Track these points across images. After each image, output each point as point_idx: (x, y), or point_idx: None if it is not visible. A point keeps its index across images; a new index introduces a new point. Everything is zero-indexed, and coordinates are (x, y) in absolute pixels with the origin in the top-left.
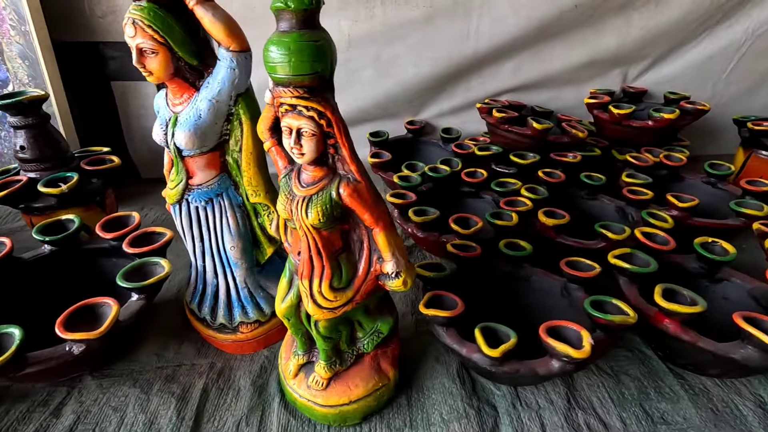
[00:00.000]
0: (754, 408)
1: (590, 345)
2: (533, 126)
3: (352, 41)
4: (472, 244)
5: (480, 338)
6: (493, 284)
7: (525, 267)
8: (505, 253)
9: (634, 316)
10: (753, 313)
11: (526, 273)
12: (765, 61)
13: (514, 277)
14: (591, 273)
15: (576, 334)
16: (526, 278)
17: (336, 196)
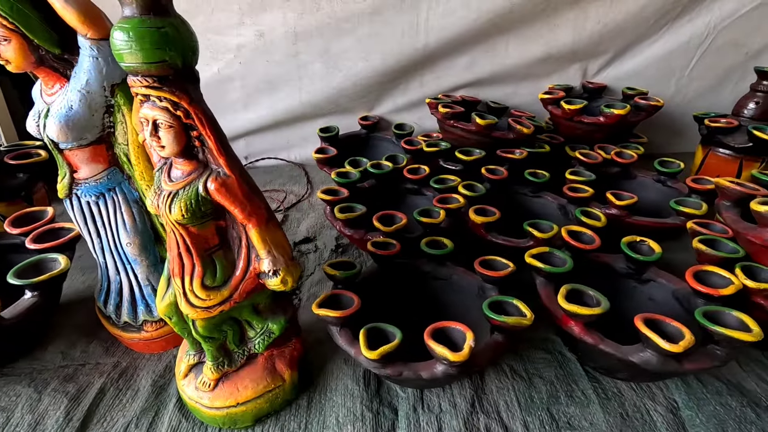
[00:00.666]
0: (664, 413)
1: (469, 348)
2: (476, 121)
3: (298, 34)
4: (393, 242)
5: (362, 339)
6: (414, 283)
7: (447, 266)
8: (426, 252)
9: (530, 318)
10: (654, 315)
11: (447, 272)
12: (729, 56)
13: (434, 276)
14: (503, 272)
15: (463, 335)
16: (447, 277)
17: (203, 191)
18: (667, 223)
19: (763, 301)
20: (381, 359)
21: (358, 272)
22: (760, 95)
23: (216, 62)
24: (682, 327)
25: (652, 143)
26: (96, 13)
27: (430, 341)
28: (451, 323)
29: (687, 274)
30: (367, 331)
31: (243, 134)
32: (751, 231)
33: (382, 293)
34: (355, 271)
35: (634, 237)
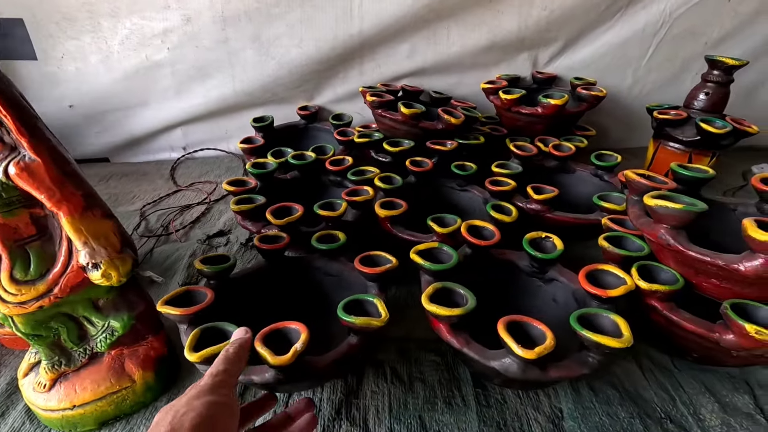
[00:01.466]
0: (544, 423)
1: (294, 351)
2: (402, 111)
3: (226, 19)
4: (282, 235)
5: (190, 340)
6: (303, 280)
7: (339, 261)
8: (316, 246)
9: (383, 320)
10: (522, 317)
11: (338, 268)
12: (687, 45)
13: (325, 272)
14: (381, 269)
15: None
16: (338, 274)
17: (3, 176)
18: (587, 219)
19: (657, 303)
20: (205, 362)
21: (230, 266)
22: (711, 86)
23: (143, 48)
24: (547, 330)
25: (610, 137)
26: None
27: (258, 343)
28: (290, 324)
29: (580, 273)
30: (202, 331)
31: (179, 123)
32: (647, 227)
33: (266, 290)
34: (226, 265)
35: (539, 233)
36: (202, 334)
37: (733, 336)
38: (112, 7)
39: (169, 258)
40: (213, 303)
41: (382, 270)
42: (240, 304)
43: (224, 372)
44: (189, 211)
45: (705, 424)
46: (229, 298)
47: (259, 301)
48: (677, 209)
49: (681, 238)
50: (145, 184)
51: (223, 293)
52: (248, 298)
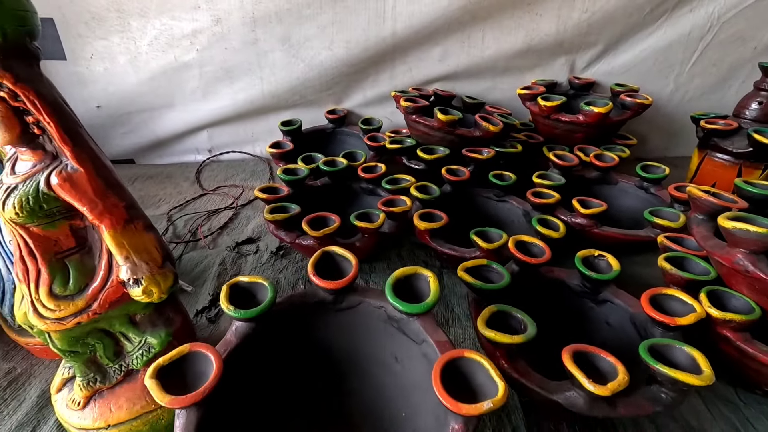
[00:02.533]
0: None
1: None
2: (438, 117)
3: (257, 20)
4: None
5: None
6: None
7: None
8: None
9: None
10: (588, 347)
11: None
12: (734, 51)
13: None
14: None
15: None
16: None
17: (45, 187)
18: (638, 236)
19: (729, 333)
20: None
21: (269, 304)
22: (765, 94)
23: (172, 49)
24: (618, 364)
25: (649, 146)
26: None
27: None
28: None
29: (642, 297)
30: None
31: (205, 125)
32: (719, 250)
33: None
34: (261, 309)
35: (592, 251)
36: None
37: None
38: (142, 7)
39: (198, 266)
40: (242, 352)
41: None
42: (279, 349)
43: None
44: (216, 217)
45: None
46: (265, 341)
47: (303, 345)
48: (760, 233)
49: (762, 264)
50: (170, 186)
51: (257, 336)
52: (290, 341)
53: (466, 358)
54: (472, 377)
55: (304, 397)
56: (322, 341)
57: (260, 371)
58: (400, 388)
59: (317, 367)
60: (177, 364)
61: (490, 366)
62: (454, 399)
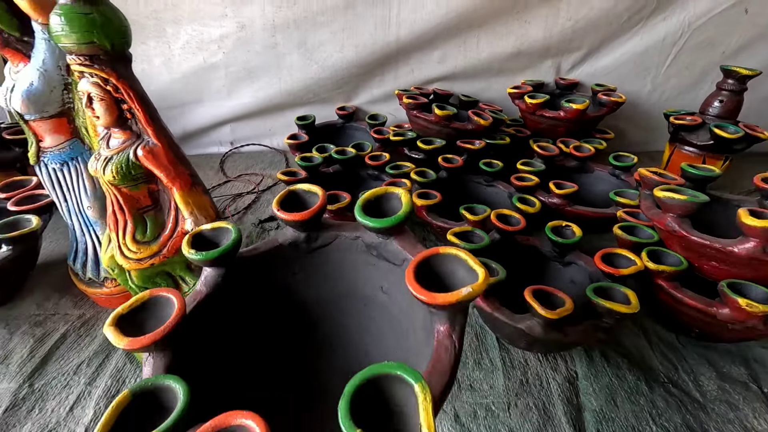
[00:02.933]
0: (561, 382)
1: None
2: (435, 112)
3: (276, 26)
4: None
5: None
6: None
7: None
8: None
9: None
10: (545, 287)
11: (397, 252)
12: (705, 55)
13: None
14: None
15: None
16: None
17: (133, 157)
18: (604, 213)
19: (664, 282)
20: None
21: (232, 245)
22: (725, 93)
23: (201, 52)
24: (566, 298)
25: (629, 141)
26: (46, 2)
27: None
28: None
29: (596, 255)
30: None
31: (229, 120)
32: (656, 216)
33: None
34: (222, 250)
35: (560, 222)
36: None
37: (728, 310)
38: (176, 16)
39: None
40: (214, 300)
41: (456, 299)
42: (256, 297)
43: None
44: (240, 199)
45: (703, 389)
46: (239, 288)
47: (280, 290)
48: (682, 200)
49: (686, 225)
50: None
51: (228, 283)
52: (266, 287)
53: (441, 254)
54: (452, 274)
55: (282, 344)
56: (299, 285)
57: (235, 320)
58: (388, 319)
59: (295, 312)
60: (140, 313)
61: (468, 256)
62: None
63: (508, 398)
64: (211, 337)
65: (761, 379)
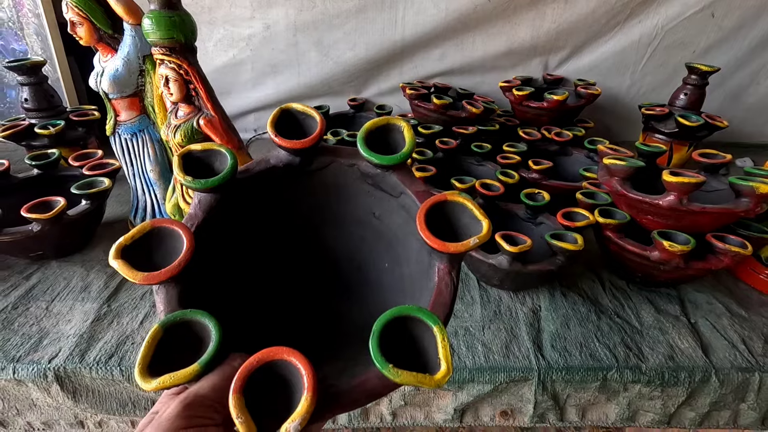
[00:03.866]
0: (527, 312)
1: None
2: (434, 101)
3: (297, 27)
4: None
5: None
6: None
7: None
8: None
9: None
10: (511, 232)
11: (396, 186)
12: (677, 54)
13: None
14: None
15: None
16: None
17: (196, 125)
18: (575, 186)
19: (611, 233)
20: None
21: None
22: (690, 87)
23: (232, 49)
24: (527, 239)
25: (611, 132)
26: (135, 7)
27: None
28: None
29: (558, 213)
30: (165, 329)
31: (253, 110)
32: (606, 180)
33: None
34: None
35: (533, 189)
36: (166, 335)
37: (658, 252)
38: (211, 18)
39: None
40: (211, 227)
41: (465, 249)
42: (251, 221)
43: (199, 400)
44: None
45: (642, 320)
46: (234, 214)
47: (275, 214)
48: (623, 165)
49: (626, 186)
50: None
51: (224, 209)
52: (261, 211)
53: (449, 201)
54: (457, 221)
55: (281, 263)
56: (294, 206)
57: (231, 243)
58: (380, 241)
59: (291, 233)
60: (141, 244)
61: (474, 206)
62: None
63: (483, 323)
64: (211, 264)
65: (691, 314)
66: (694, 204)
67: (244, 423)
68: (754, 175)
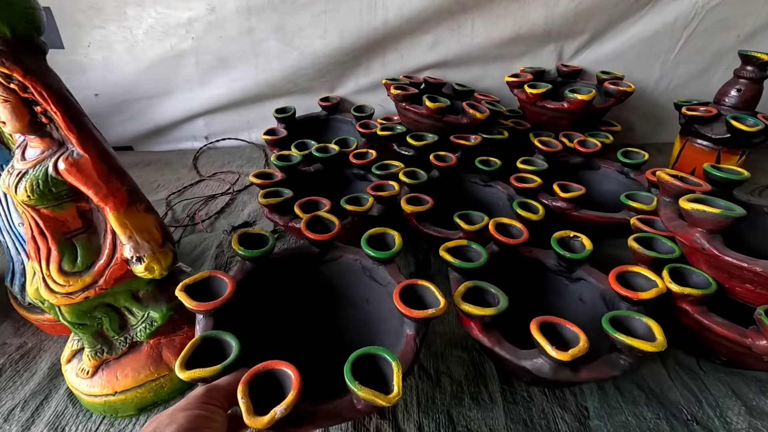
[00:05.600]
0: (571, 422)
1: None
2: (427, 104)
3: (251, 9)
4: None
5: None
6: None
7: (391, 269)
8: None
9: (390, 398)
10: (554, 318)
11: (385, 277)
12: (718, 38)
13: (371, 276)
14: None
15: None
16: (384, 283)
17: (53, 171)
18: (614, 218)
19: (688, 306)
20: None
21: (269, 250)
22: (744, 82)
23: (168, 37)
24: (580, 333)
25: (636, 132)
26: None
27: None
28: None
29: (610, 274)
30: (202, 340)
31: (202, 113)
32: (680, 230)
33: (304, 278)
34: (264, 250)
35: (568, 232)
36: (202, 344)
37: (766, 341)
38: None
39: (197, 248)
40: (243, 282)
41: (424, 315)
42: (277, 288)
43: (217, 388)
44: (213, 201)
45: (731, 427)
46: (266, 280)
47: (295, 287)
48: (715, 214)
49: (716, 242)
50: (169, 173)
51: (259, 275)
52: (285, 283)
53: (418, 284)
54: (423, 299)
55: (295, 325)
56: (311, 285)
57: (260, 302)
58: (369, 322)
59: (306, 304)
60: (199, 286)
61: (434, 289)
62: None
63: None
64: (244, 311)
65: None
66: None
67: (245, 403)
68: None
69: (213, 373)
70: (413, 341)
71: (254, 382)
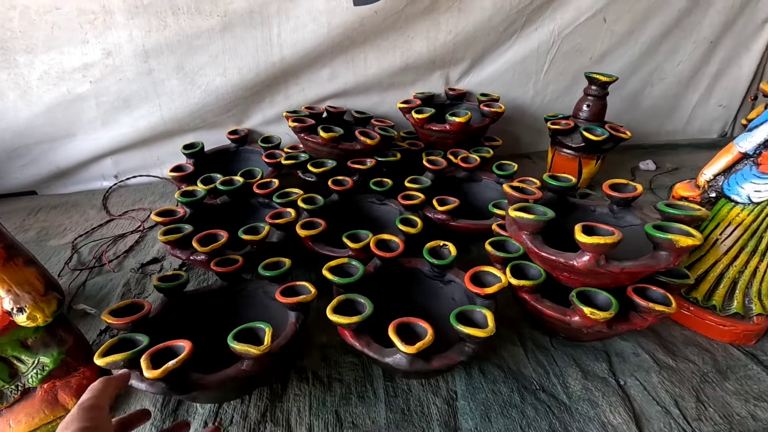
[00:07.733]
0: (441, 405)
1: (165, 369)
2: (321, 135)
3: (148, 52)
4: (237, 258)
5: (105, 345)
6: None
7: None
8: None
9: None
10: (407, 319)
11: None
12: (575, 60)
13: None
14: (296, 299)
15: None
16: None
17: None
18: (484, 225)
19: (526, 295)
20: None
21: (182, 283)
22: (591, 98)
23: (63, 82)
24: (429, 328)
25: (522, 143)
26: None
27: (145, 357)
28: (179, 342)
29: (466, 275)
30: (120, 340)
31: (109, 153)
32: (514, 234)
33: (215, 307)
34: (178, 283)
35: (438, 242)
36: (120, 343)
37: (578, 317)
38: (28, 44)
39: (103, 289)
40: (163, 314)
41: (296, 301)
42: (191, 319)
43: (92, 399)
44: (122, 240)
45: (569, 390)
46: (182, 313)
47: (209, 316)
48: (530, 219)
49: (537, 241)
50: (76, 215)
51: (177, 308)
52: (199, 314)
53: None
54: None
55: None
56: (218, 313)
57: (176, 323)
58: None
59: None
60: (123, 309)
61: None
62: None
63: (389, 430)
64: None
65: (618, 371)
66: (612, 265)
67: (145, 361)
68: (671, 219)
69: (124, 357)
70: (294, 325)
71: (155, 355)
